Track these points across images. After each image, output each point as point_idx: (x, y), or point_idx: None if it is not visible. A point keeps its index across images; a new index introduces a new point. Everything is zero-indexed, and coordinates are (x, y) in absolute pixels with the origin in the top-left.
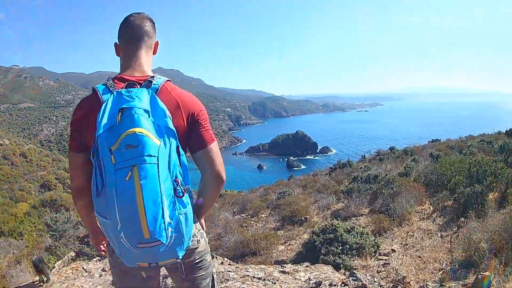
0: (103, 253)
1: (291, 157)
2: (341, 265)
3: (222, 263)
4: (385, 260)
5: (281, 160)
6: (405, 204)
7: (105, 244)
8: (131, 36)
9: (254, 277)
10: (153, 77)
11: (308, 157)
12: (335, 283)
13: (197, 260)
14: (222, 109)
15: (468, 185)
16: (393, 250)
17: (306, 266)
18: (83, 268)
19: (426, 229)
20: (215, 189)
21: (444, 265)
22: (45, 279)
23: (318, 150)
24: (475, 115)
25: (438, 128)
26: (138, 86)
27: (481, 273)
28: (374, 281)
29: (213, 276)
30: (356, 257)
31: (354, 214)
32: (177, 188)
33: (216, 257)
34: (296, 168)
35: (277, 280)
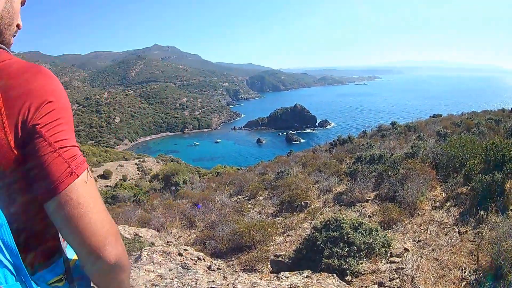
0: None
1: (290, 131)
2: (348, 271)
3: (209, 267)
4: (398, 263)
5: (280, 134)
6: (416, 191)
7: None
8: None
9: None
10: None
11: (307, 130)
12: None
13: None
14: (220, 84)
15: (485, 171)
16: (406, 250)
17: (306, 277)
18: None
19: (441, 221)
20: (97, 277)
21: (467, 273)
22: None
23: (317, 124)
24: (474, 89)
25: (436, 102)
26: None
27: None
28: None
29: None
30: (365, 259)
31: (359, 199)
32: None
33: (204, 259)
34: (295, 142)
35: None
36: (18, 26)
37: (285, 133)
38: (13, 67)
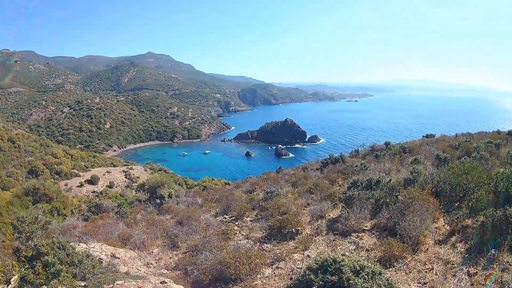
0: None
1: (280, 145)
2: None
3: None
4: None
5: (269, 148)
6: (419, 224)
7: None
8: None
9: None
10: None
11: (296, 145)
12: None
13: None
14: (212, 95)
15: (494, 204)
16: None
17: None
18: None
19: (447, 259)
20: None
21: None
22: None
23: (306, 139)
24: (465, 110)
25: (426, 121)
26: None
27: None
28: None
29: None
30: None
31: (355, 228)
32: None
33: None
34: (284, 157)
35: None
36: None
37: (274, 147)
38: None
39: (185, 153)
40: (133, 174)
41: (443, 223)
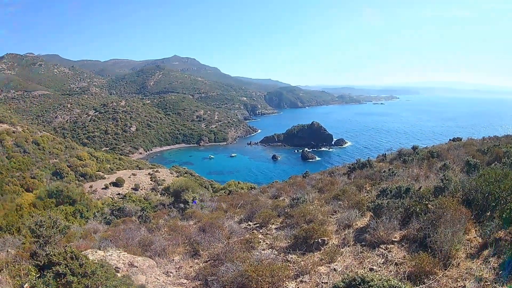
0: None
1: (306, 149)
2: None
3: None
4: None
5: (295, 151)
6: (451, 237)
7: None
8: None
9: None
10: None
11: (323, 148)
12: None
13: None
14: (238, 98)
15: None
16: None
17: None
18: None
19: (479, 275)
20: None
21: None
22: None
23: (333, 142)
24: (491, 111)
25: (452, 124)
26: None
27: None
28: None
29: None
30: None
31: (383, 240)
32: None
33: None
34: (311, 160)
35: None
36: None
37: (300, 151)
38: None
39: (212, 156)
40: (158, 177)
41: (475, 235)
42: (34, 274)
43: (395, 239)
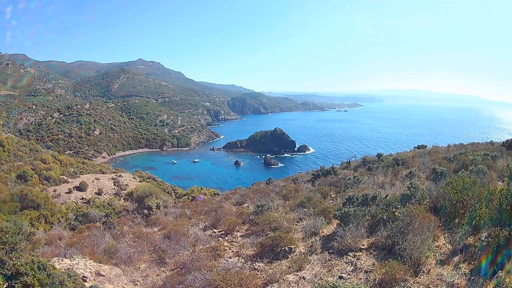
0: None
1: (269, 155)
2: None
3: None
4: None
5: (258, 157)
6: (421, 244)
7: None
8: None
9: None
10: None
11: (286, 155)
12: None
13: None
14: (201, 103)
15: (499, 222)
16: None
17: None
18: None
19: (451, 282)
20: None
21: None
22: None
23: (296, 149)
24: (454, 119)
25: (416, 131)
26: None
27: None
28: None
29: None
30: None
31: (351, 247)
32: None
33: None
34: (273, 166)
35: None
36: None
37: (263, 157)
38: None
39: (174, 161)
40: (121, 182)
41: (444, 242)
42: (1, 283)
43: (363, 247)
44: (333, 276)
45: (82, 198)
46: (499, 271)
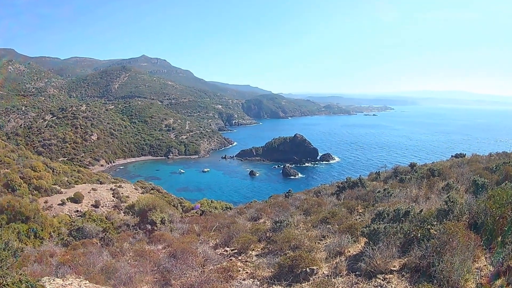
0: None
1: (288, 164)
2: None
3: None
4: None
5: (276, 166)
6: (460, 266)
7: None
8: None
9: None
10: None
11: (307, 164)
12: None
13: None
14: (212, 106)
15: None
16: None
17: None
18: None
19: None
20: None
21: None
22: None
23: (318, 157)
24: (497, 124)
25: (454, 138)
26: None
27: None
28: None
29: None
30: None
31: (381, 269)
32: None
33: None
34: (293, 177)
35: None
36: None
37: (281, 166)
38: None
39: (182, 170)
40: (122, 193)
41: (485, 263)
42: None
43: (394, 268)
44: None
45: (77, 211)
46: None
